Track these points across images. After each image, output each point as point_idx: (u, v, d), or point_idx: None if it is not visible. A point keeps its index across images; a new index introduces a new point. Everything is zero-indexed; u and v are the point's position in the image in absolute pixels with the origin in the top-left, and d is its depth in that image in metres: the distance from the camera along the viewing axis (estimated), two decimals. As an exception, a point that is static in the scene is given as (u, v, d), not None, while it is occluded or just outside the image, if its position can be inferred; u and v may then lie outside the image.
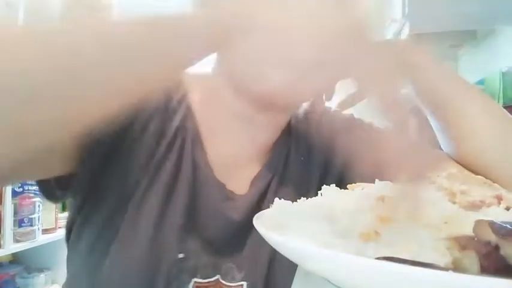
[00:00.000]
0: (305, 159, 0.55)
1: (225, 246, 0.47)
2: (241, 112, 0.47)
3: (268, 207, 0.34)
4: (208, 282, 0.46)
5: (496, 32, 1.80)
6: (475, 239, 0.20)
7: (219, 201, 0.48)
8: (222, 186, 0.49)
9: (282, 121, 0.52)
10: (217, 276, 0.47)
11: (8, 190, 1.20)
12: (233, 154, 0.50)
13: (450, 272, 0.17)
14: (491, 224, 0.19)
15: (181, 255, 0.45)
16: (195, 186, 0.47)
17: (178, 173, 0.46)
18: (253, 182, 0.51)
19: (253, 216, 0.32)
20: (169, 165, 0.46)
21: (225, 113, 0.48)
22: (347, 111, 0.58)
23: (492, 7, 1.56)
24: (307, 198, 0.34)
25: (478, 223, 0.20)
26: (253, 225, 0.29)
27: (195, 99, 0.51)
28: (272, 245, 0.25)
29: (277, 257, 0.48)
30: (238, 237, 0.48)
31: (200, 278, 0.46)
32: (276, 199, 0.33)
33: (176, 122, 0.48)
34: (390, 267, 0.17)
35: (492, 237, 0.19)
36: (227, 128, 0.49)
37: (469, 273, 0.17)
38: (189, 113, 0.49)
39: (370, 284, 0.19)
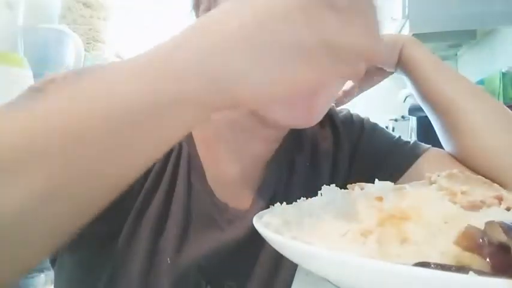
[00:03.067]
0: (312, 165, 0.53)
1: (228, 265, 0.45)
2: (238, 125, 0.46)
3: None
4: None
5: (496, 32, 1.80)
6: (481, 240, 0.20)
7: (224, 223, 0.45)
8: (223, 207, 0.46)
9: (281, 133, 0.50)
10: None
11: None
12: (234, 171, 0.48)
13: (450, 272, 0.17)
14: (503, 225, 0.20)
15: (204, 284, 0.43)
16: (191, 211, 0.44)
17: (171, 199, 0.44)
18: (255, 197, 0.48)
19: (257, 234, 0.30)
20: (160, 192, 0.43)
21: (223, 127, 0.47)
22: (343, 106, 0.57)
23: (492, 7, 1.56)
24: (307, 198, 0.34)
25: (490, 224, 0.20)
26: (259, 243, 0.28)
27: None
28: (272, 244, 0.25)
29: (279, 276, 0.46)
30: (242, 256, 0.45)
31: None
32: (277, 204, 0.33)
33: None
34: (390, 267, 0.17)
35: (503, 238, 0.19)
36: (225, 142, 0.48)
37: (471, 273, 0.17)
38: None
39: (370, 284, 0.19)
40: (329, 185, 0.31)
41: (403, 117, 2.15)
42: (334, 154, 0.54)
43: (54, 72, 0.44)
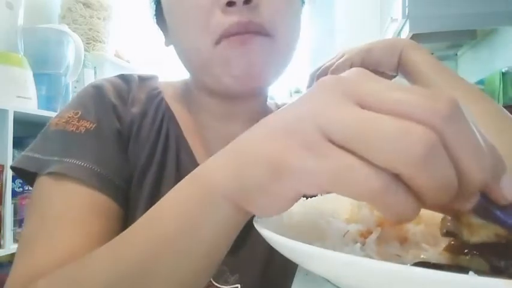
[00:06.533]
0: None
1: None
2: (216, 109, 0.51)
3: None
4: None
5: (496, 32, 1.79)
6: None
7: None
8: None
9: (258, 110, 0.53)
10: (209, 279, 0.46)
11: (8, 190, 1.20)
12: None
13: (450, 272, 0.17)
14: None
15: None
16: None
17: (162, 178, 0.47)
18: None
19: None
20: (152, 170, 0.47)
21: (203, 113, 0.52)
22: None
23: (492, 7, 1.56)
24: (307, 198, 0.34)
25: (442, 219, 0.22)
26: (248, 227, 0.29)
27: (173, 102, 0.53)
28: (272, 244, 0.25)
29: (274, 260, 0.48)
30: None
31: None
32: None
33: (156, 125, 0.50)
34: (390, 267, 0.17)
35: (449, 227, 0.21)
36: (208, 127, 0.52)
37: (471, 273, 0.17)
38: (169, 114, 0.51)
39: (370, 284, 0.19)
40: None
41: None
42: None
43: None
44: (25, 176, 0.45)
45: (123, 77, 0.53)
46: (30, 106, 1.30)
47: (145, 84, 0.54)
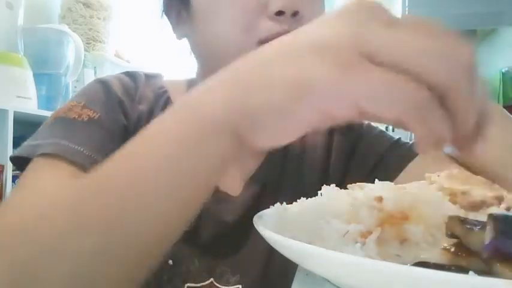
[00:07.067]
0: (304, 156, 0.54)
1: (218, 249, 0.47)
2: None
3: (266, 206, 0.34)
4: (201, 286, 0.46)
5: (496, 32, 1.80)
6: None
7: (210, 204, 0.47)
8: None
9: None
10: (211, 280, 0.46)
11: (8, 190, 1.20)
12: None
13: (450, 272, 0.17)
14: (462, 218, 0.22)
15: (171, 262, 0.45)
16: None
17: None
18: (247, 182, 0.49)
19: (248, 217, 0.31)
20: None
21: None
22: None
23: (492, 7, 1.56)
24: (307, 198, 0.34)
25: (450, 218, 0.22)
26: (249, 227, 0.29)
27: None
28: (272, 244, 0.25)
29: (274, 260, 0.48)
30: (233, 239, 0.48)
31: (193, 282, 0.46)
32: (277, 204, 0.33)
33: None
34: (390, 267, 0.17)
35: (458, 230, 0.21)
36: None
37: (471, 273, 0.17)
38: None
39: (370, 284, 0.19)
40: (323, 177, 0.31)
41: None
42: (328, 140, 0.55)
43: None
44: (24, 167, 0.42)
45: (129, 74, 0.52)
46: (30, 106, 1.30)
47: (151, 82, 0.53)
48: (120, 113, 0.47)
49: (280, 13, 0.42)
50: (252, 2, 0.43)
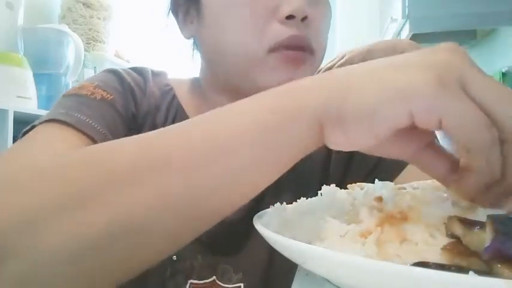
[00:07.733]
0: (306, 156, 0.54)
1: (221, 247, 0.47)
2: None
3: (267, 206, 0.34)
4: (204, 283, 0.46)
5: (496, 32, 1.80)
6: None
7: None
8: None
9: None
10: (214, 278, 0.47)
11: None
12: None
13: (450, 272, 0.17)
14: (462, 219, 0.22)
15: (174, 257, 0.45)
16: None
17: None
18: None
19: (250, 217, 0.31)
20: None
21: None
22: None
23: (492, 7, 1.56)
24: (307, 198, 0.34)
25: (449, 219, 0.23)
26: (251, 226, 0.29)
27: (185, 100, 0.53)
28: (272, 244, 0.25)
29: (276, 259, 0.48)
30: (235, 238, 0.48)
31: (196, 279, 0.46)
32: (278, 204, 0.33)
33: (169, 121, 0.49)
34: (390, 267, 0.17)
35: (458, 230, 0.22)
36: None
37: (471, 273, 0.17)
38: (181, 112, 0.51)
39: (370, 284, 0.19)
40: (323, 177, 0.31)
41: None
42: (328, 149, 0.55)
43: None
44: None
45: (136, 70, 0.52)
46: (30, 106, 1.30)
47: (157, 79, 0.53)
48: (131, 100, 0.47)
49: (290, 17, 0.43)
50: (263, 6, 0.43)
